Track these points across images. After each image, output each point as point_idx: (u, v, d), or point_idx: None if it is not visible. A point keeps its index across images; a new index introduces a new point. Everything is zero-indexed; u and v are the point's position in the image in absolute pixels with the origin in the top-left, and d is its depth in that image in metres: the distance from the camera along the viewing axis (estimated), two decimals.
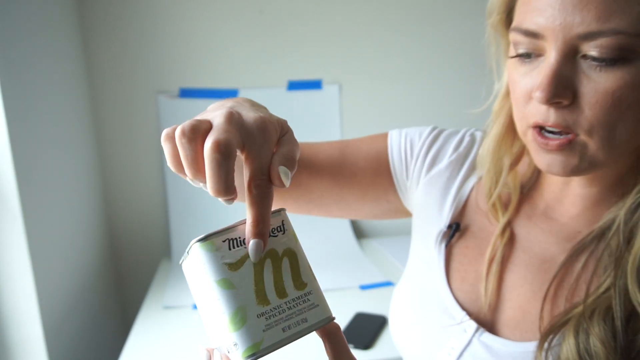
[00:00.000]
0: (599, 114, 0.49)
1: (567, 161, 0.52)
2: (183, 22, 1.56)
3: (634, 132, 0.50)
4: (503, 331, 0.60)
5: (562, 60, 0.49)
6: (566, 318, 0.54)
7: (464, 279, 0.64)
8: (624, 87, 0.47)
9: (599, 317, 0.51)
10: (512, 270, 0.62)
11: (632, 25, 0.46)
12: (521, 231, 0.63)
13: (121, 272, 1.69)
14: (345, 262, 1.54)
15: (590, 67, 0.48)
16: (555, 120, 0.50)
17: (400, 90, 1.68)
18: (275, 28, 1.60)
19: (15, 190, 1.05)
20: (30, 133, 1.14)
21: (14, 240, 1.07)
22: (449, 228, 0.66)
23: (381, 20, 1.63)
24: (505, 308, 0.61)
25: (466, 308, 0.62)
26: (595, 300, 0.53)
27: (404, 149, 0.72)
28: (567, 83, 0.49)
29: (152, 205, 1.66)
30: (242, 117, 0.41)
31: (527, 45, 0.51)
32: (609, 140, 0.50)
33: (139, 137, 1.61)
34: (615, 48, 0.46)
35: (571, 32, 0.48)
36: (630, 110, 0.48)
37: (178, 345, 1.21)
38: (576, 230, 0.59)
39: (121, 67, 1.56)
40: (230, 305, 0.40)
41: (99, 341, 1.48)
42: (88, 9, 1.51)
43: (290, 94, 1.65)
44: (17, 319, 1.11)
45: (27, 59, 1.16)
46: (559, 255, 0.59)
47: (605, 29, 0.46)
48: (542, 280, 0.59)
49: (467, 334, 0.60)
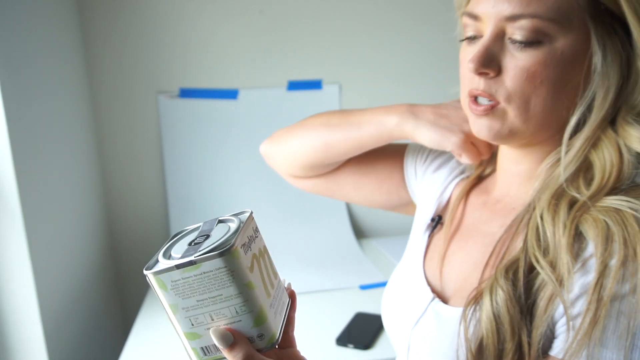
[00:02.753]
0: (516, 85, 0.58)
1: (491, 125, 0.61)
2: (183, 22, 1.56)
3: (548, 107, 0.59)
4: (452, 300, 0.68)
5: (493, 39, 0.59)
6: (485, 283, 0.62)
7: (432, 259, 0.74)
8: (537, 64, 0.57)
9: (506, 274, 0.59)
10: (463, 248, 0.71)
11: (547, 12, 0.56)
12: (475, 214, 0.73)
13: (121, 272, 1.69)
14: (345, 262, 1.54)
15: (514, 47, 0.58)
16: (483, 88, 0.60)
17: (400, 90, 1.68)
18: (275, 28, 1.60)
19: (15, 190, 1.05)
20: (30, 133, 1.14)
21: (14, 240, 1.07)
22: (432, 220, 0.77)
23: (381, 20, 1.63)
24: (458, 281, 0.69)
25: (431, 284, 0.71)
26: (508, 260, 0.61)
27: (418, 155, 0.84)
28: (494, 58, 0.59)
29: (152, 206, 1.66)
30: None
31: (472, 28, 0.62)
32: (525, 110, 0.59)
33: (139, 137, 1.61)
34: (532, 30, 0.56)
35: (500, 14, 0.58)
36: (543, 86, 0.58)
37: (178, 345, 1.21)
38: (511, 207, 0.68)
39: (121, 67, 1.56)
40: (256, 304, 0.45)
41: (99, 341, 1.48)
42: (88, 9, 1.51)
43: (290, 94, 1.65)
44: (17, 319, 1.11)
45: (27, 59, 1.16)
46: (498, 230, 0.67)
47: (525, 12, 0.56)
48: (482, 253, 0.67)
49: (425, 303, 0.69)
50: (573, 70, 0.58)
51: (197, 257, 0.43)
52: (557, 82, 0.58)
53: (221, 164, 1.65)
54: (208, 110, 1.62)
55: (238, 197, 1.66)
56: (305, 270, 1.51)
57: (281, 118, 1.66)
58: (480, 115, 0.62)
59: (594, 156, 0.60)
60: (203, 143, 1.63)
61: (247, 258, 0.45)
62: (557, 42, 0.57)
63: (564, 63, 0.57)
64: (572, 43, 0.57)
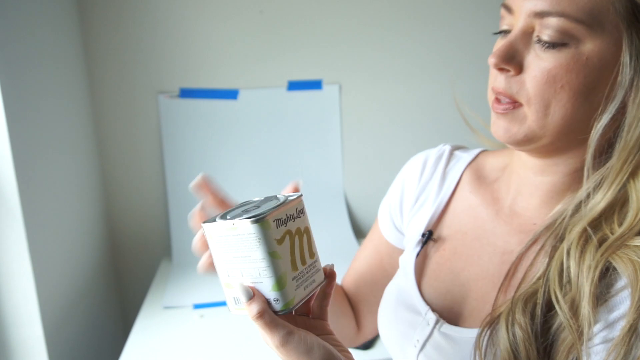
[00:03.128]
0: (536, 87, 0.55)
1: (507, 127, 0.59)
2: (183, 22, 1.56)
3: (568, 114, 0.56)
4: (465, 321, 0.65)
5: (520, 35, 0.56)
6: (500, 310, 0.59)
7: (437, 277, 0.70)
8: (559, 67, 0.54)
9: (523, 305, 0.56)
10: (478, 264, 0.67)
11: (577, 12, 0.52)
12: (489, 227, 0.68)
13: (121, 272, 1.69)
14: (345, 261, 1.54)
15: (539, 46, 0.55)
16: (503, 87, 0.58)
17: (400, 90, 1.68)
18: (275, 28, 1.60)
19: (15, 190, 1.05)
20: (30, 133, 1.14)
21: (14, 240, 1.07)
22: (423, 236, 0.73)
23: (381, 20, 1.63)
24: (469, 300, 0.66)
25: (433, 304, 0.68)
26: (525, 290, 0.58)
27: (394, 219, 0.81)
28: (517, 55, 0.56)
29: (152, 206, 1.66)
30: None
31: (506, 21, 0.59)
32: (544, 115, 0.56)
33: (139, 137, 1.61)
34: (559, 29, 0.53)
35: (530, 10, 0.55)
36: (564, 91, 0.55)
37: (178, 345, 1.21)
38: (532, 223, 0.64)
39: (121, 68, 1.56)
40: (277, 271, 0.52)
41: (99, 341, 1.48)
42: (88, 9, 1.51)
43: (290, 94, 1.65)
44: (17, 319, 1.11)
45: (27, 59, 1.16)
46: (516, 248, 0.63)
47: (553, 10, 0.53)
48: (500, 272, 0.64)
49: (429, 326, 0.66)
50: (599, 79, 0.54)
51: (236, 220, 0.52)
52: (579, 89, 0.54)
53: (221, 164, 1.65)
54: (208, 110, 1.62)
55: (238, 197, 1.65)
56: None
57: (281, 118, 1.66)
58: (500, 115, 0.59)
59: (631, 188, 0.54)
60: (203, 143, 1.63)
61: (279, 232, 0.52)
62: (584, 46, 0.53)
63: (589, 69, 0.54)
64: (600, 49, 0.53)
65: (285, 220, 0.54)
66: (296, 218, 0.55)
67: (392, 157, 1.70)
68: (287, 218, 0.54)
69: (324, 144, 1.68)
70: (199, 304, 1.37)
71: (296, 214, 0.56)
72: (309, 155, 1.68)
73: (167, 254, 1.66)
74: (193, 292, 1.43)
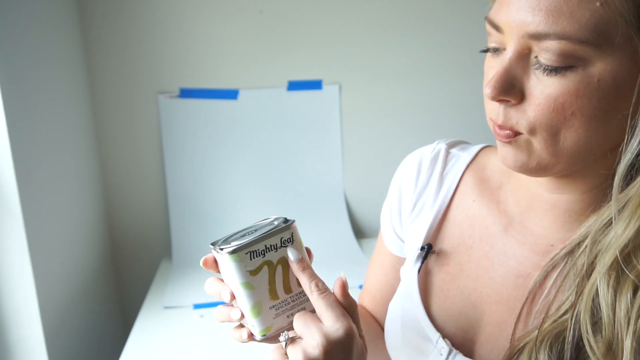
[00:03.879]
0: (540, 116, 0.49)
1: (517, 156, 0.52)
2: (183, 22, 1.56)
3: (582, 140, 0.49)
4: (480, 350, 0.60)
5: (516, 58, 0.49)
6: (524, 342, 0.54)
7: (446, 298, 0.64)
8: (567, 94, 0.47)
9: (546, 345, 0.51)
10: (489, 285, 0.61)
11: (578, 32, 0.45)
12: (499, 243, 0.61)
13: (121, 272, 1.69)
14: (345, 261, 1.54)
15: (540, 70, 0.48)
16: (502, 120, 0.51)
17: (400, 90, 1.68)
18: (275, 28, 1.60)
19: (15, 190, 1.05)
20: (30, 133, 1.14)
21: (14, 240, 1.07)
22: (422, 249, 0.66)
23: (381, 20, 1.63)
24: (483, 324, 0.60)
25: (446, 327, 0.62)
26: (551, 325, 0.52)
27: (395, 229, 0.74)
28: (516, 83, 0.49)
29: (152, 206, 1.66)
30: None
31: (495, 39, 0.52)
32: (553, 143, 0.50)
33: (139, 137, 1.61)
34: (561, 53, 0.46)
35: (523, 31, 0.48)
36: (575, 118, 0.48)
37: (178, 345, 1.21)
38: (549, 244, 0.58)
39: (121, 67, 1.56)
40: (250, 301, 0.55)
41: (99, 341, 1.48)
42: (88, 10, 1.51)
43: (290, 94, 1.65)
44: (17, 319, 1.11)
45: (27, 59, 1.16)
46: (533, 271, 0.57)
47: (551, 32, 0.46)
48: (516, 297, 0.58)
49: (442, 356, 0.60)
50: (617, 99, 0.47)
51: (216, 249, 0.55)
52: (594, 114, 0.47)
53: (221, 164, 1.65)
54: (208, 110, 1.62)
55: (238, 197, 1.66)
56: None
57: (281, 118, 1.66)
58: (504, 143, 0.53)
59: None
60: (203, 143, 1.63)
61: (253, 263, 0.54)
62: (594, 66, 0.46)
63: (603, 92, 0.47)
64: (613, 68, 0.46)
65: (264, 251, 0.55)
66: (280, 248, 0.56)
67: (392, 157, 1.69)
68: (266, 249, 0.55)
69: (324, 144, 1.68)
70: (199, 304, 1.37)
71: (280, 243, 0.56)
72: (309, 155, 1.68)
73: (167, 254, 1.66)
74: (193, 292, 1.43)
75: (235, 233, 0.57)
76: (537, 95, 0.49)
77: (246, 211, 1.65)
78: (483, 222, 0.63)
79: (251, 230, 0.57)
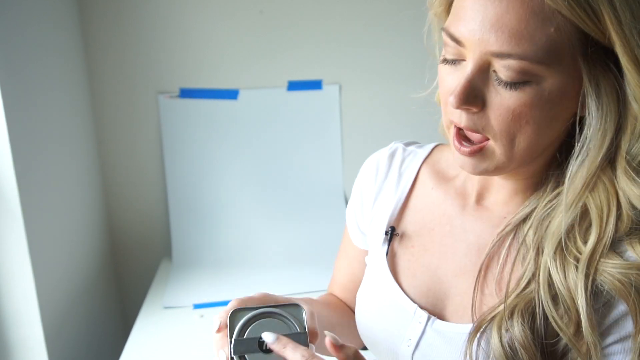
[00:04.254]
0: (501, 124, 0.55)
1: (476, 164, 0.59)
2: (183, 22, 1.56)
3: (532, 143, 0.56)
4: (453, 317, 0.66)
5: (476, 71, 0.55)
6: (492, 314, 0.60)
7: (414, 275, 0.70)
8: (523, 106, 0.54)
9: (518, 316, 0.57)
10: (453, 260, 0.68)
11: (537, 53, 0.51)
12: (457, 222, 0.69)
13: (121, 272, 1.69)
14: None
15: (499, 82, 0.54)
16: (466, 124, 0.57)
17: (400, 90, 1.68)
18: (275, 28, 1.60)
19: (15, 190, 1.05)
20: (30, 133, 1.14)
21: (14, 240, 1.07)
22: (386, 234, 0.73)
23: (381, 20, 1.63)
24: (452, 296, 0.67)
25: (417, 301, 0.68)
26: (516, 298, 0.59)
27: (359, 229, 0.82)
28: (478, 93, 0.55)
29: (152, 205, 1.66)
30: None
31: (452, 50, 0.57)
32: (510, 148, 0.57)
33: (139, 137, 1.61)
34: (520, 71, 0.52)
35: (486, 48, 0.53)
36: (529, 125, 0.55)
37: (178, 345, 1.21)
38: (502, 216, 0.66)
39: (121, 67, 1.56)
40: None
41: (99, 341, 1.48)
42: (88, 9, 1.51)
43: (290, 94, 1.65)
44: (17, 319, 1.11)
45: (27, 59, 1.16)
46: (488, 238, 0.65)
47: (514, 52, 0.52)
48: (473, 263, 0.66)
49: (421, 324, 0.66)
50: (561, 109, 0.55)
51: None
52: (543, 121, 0.55)
53: (221, 164, 1.65)
54: (208, 110, 1.62)
55: (238, 197, 1.66)
56: (304, 269, 1.51)
57: (281, 118, 1.66)
58: (465, 155, 0.59)
59: (591, 203, 0.57)
60: (203, 143, 1.63)
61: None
62: (545, 82, 0.53)
63: (551, 103, 0.54)
64: (560, 82, 0.53)
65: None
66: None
67: None
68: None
69: (324, 143, 1.68)
70: (199, 304, 1.37)
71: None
72: (309, 155, 1.68)
73: (167, 254, 1.66)
74: (193, 292, 1.43)
75: (253, 316, 0.59)
76: (497, 106, 0.55)
77: (246, 211, 1.65)
78: (442, 206, 0.71)
79: (266, 326, 0.58)
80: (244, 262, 1.59)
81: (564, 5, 0.50)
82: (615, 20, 0.50)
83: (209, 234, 1.63)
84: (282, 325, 0.59)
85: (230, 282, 1.48)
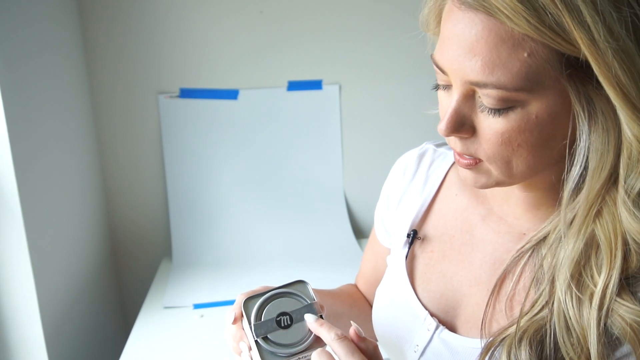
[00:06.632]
0: (492, 148, 0.54)
1: (476, 178, 0.59)
2: (183, 22, 1.56)
3: (532, 163, 0.55)
4: (462, 328, 0.65)
5: (462, 99, 0.54)
6: (503, 336, 0.58)
7: (429, 281, 0.70)
8: (511, 130, 0.52)
9: (526, 342, 0.55)
10: (470, 270, 0.67)
11: (512, 81, 0.50)
12: (477, 232, 0.68)
13: (121, 272, 1.69)
14: (344, 261, 1.54)
15: (483, 109, 0.53)
16: (460, 149, 0.57)
17: (400, 90, 1.68)
18: (275, 28, 1.60)
19: (15, 190, 1.05)
20: (30, 133, 1.14)
21: (14, 240, 1.07)
22: (408, 236, 0.73)
23: (381, 19, 1.63)
24: (464, 305, 0.66)
25: (429, 307, 0.68)
26: (528, 322, 0.57)
27: (384, 227, 0.82)
28: (466, 120, 0.55)
29: (152, 205, 1.66)
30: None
31: (441, 77, 0.57)
32: (507, 170, 0.56)
33: (139, 137, 1.61)
34: (499, 99, 0.51)
35: (465, 77, 0.52)
36: (522, 149, 0.53)
37: (178, 345, 1.21)
38: (521, 232, 0.64)
39: (121, 67, 1.56)
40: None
41: (99, 341, 1.48)
42: (88, 9, 1.51)
43: (290, 94, 1.65)
44: (17, 319, 1.11)
45: (27, 59, 1.16)
46: (505, 255, 0.64)
47: (489, 82, 0.51)
48: (489, 277, 0.64)
49: (429, 332, 0.66)
50: (555, 129, 0.53)
51: (252, 342, 0.61)
52: (537, 143, 0.53)
53: (221, 164, 1.65)
54: (208, 110, 1.62)
55: (238, 197, 1.66)
56: (304, 269, 1.51)
57: (281, 118, 1.66)
58: (464, 169, 0.59)
59: (599, 231, 0.54)
60: (203, 143, 1.63)
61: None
62: (531, 105, 0.51)
63: (542, 125, 0.52)
64: (547, 105, 0.51)
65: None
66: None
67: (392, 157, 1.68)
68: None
69: (324, 144, 1.68)
70: (199, 304, 1.37)
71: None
72: (308, 155, 1.68)
73: (167, 254, 1.66)
74: (193, 292, 1.43)
75: (268, 298, 0.64)
76: (486, 131, 0.54)
77: (246, 211, 1.65)
78: (464, 214, 0.70)
79: (282, 310, 0.63)
80: (244, 262, 1.58)
81: (529, 29, 0.48)
82: (586, 37, 0.47)
83: (209, 234, 1.63)
84: (293, 302, 0.63)
85: (230, 282, 1.48)
